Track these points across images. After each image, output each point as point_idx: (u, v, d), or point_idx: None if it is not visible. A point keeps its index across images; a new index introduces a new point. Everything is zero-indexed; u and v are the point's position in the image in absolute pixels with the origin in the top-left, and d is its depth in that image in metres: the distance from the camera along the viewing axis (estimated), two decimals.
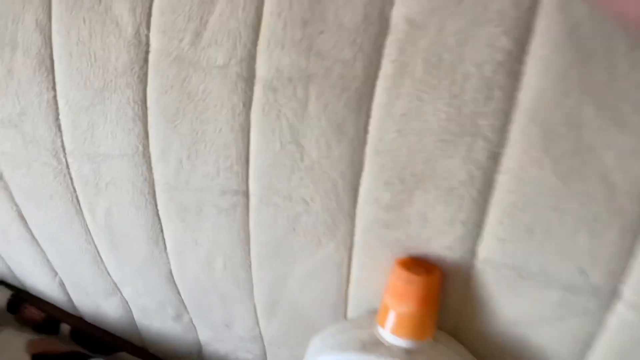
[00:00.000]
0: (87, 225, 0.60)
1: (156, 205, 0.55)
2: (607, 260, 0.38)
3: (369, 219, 0.45)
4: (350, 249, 0.48)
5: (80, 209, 0.59)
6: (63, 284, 0.74)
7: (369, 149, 0.43)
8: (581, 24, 0.35)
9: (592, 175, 0.37)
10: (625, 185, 0.36)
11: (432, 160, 0.41)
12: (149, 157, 0.51)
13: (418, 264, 0.45)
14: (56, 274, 0.72)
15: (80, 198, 0.58)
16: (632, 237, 0.37)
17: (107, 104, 0.50)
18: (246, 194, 0.50)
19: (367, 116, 0.43)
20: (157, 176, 0.52)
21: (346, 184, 0.45)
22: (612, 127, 0.36)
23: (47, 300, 0.77)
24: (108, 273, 0.66)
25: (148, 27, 0.46)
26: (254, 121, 0.46)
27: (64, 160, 0.56)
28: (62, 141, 0.55)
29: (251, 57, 0.44)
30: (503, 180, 0.40)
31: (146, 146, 0.51)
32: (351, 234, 0.48)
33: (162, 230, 0.57)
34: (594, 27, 0.35)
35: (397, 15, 0.39)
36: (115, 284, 0.68)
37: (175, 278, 0.62)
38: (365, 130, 0.43)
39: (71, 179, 0.57)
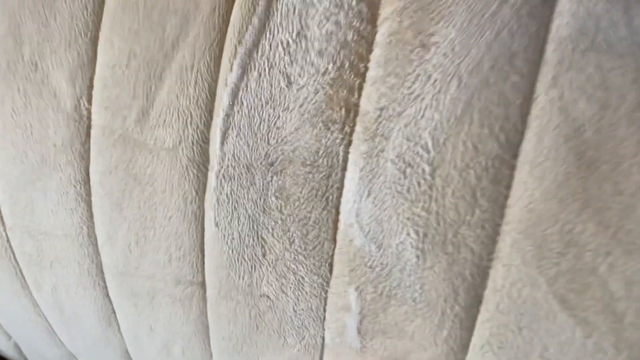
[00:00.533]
0: (34, 299, 0.54)
1: (106, 287, 0.49)
2: None
3: (340, 325, 0.40)
4: (320, 351, 0.43)
5: (26, 283, 0.53)
6: (18, 346, 0.68)
7: (337, 248, 0.37)
8: (584, 129, 0.29)
9: (595, 301, 0.31)
10: (633, 317, 0.30)
11: (407, 270, 0.35)
12: (95, 239, 0.45)
13: None
14: (10, 337, 0.67)
15: (24, 273, 0.52)
16: None
17: (47, 181, 0.44)
18: (203, 286, 0.44)
19: (337, 212, 0.37)
20: (104, 259, 0.46)
21: (314, 283, 0.39)
22: (617, 248, 0.30)
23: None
24: (63, 344, 0.60)
25: (89, 101, 0.40)
26: (207, 210, 0.40)
27: (4, 234, 0.50)
28: (1, 215, 0.48)
29: (204, 140, 0.38)
30: (492, 299, 0.34)
31: (91, 228, 0.45)
32: (321, 336, 0.42)
33: (114, 312, 0.51)
34: (600, 131, 0.29)
35: None
36: (71, 353, 0.62)
37: (132, 356, 0.56)
38: (335, 227, 0.37)
39: (13, 253, 0.51)
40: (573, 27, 0.30)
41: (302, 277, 0.39)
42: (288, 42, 0.34)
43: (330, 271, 0.38)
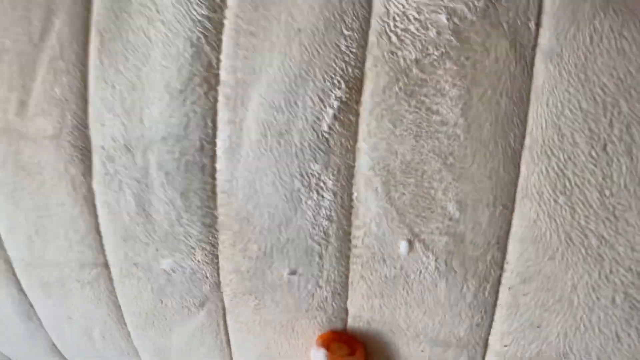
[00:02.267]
0: None
1: (18, 282, 0.50)
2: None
3: (234, 287, 0.42)
4: (223, 315, 0.45)
5: None
6: None
7: (221, 214, 0.40)
8: (410, 68, 0.33)
9: (438, 224, 0.34)
10: (472, 235, 0.34)
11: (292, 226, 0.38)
12: None
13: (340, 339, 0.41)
14: None
15: None
16: None
17: None
18: (106, 266, 0.46)
19: (213, 179, 0.39)
20: (10, 253, 0.48)
21: (204, 250, 0.42)
22: (448, 174, 0.33)
23: None
24: None
25: None
26: (97, 192, 0.42)
27: None
28: None
29: (83, 126, 0.40)
30: (358, 235, 0.37)
31: None
32: (221, 299, 0.44)
33: (32, 306, 0.52)
34: (423, 69, 0.32)
35: None
36: (8, 358, 0.63)
37: (60, 349, 0.57)
38: (214, 193, 0.40)
39: None
40: None
41: (193, 247, 0.41)
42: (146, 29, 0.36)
43: (217, 237, 0.41)
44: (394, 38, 0.33)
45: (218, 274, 0.42)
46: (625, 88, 0.30)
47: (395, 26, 0.33)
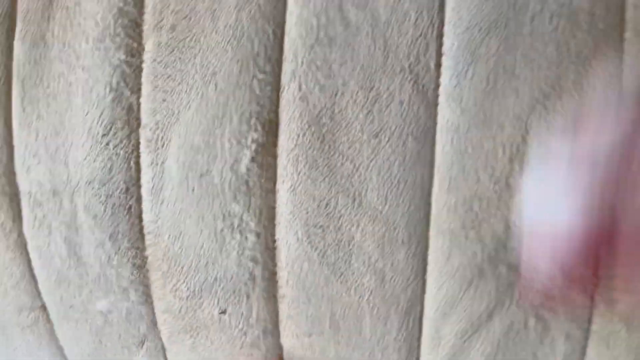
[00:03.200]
0: None
1: None
2: None
3: (169, 325, 0.42)
4: (163, 353, 0.45)
5: None
6: None
7: (149, 254, 0.40)
8: (322, 115, 0.33)
9: (360, 264, 0.35)
10: (391, 272, 0.34)
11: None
12: None
13: None
14: None
15: None
16: None
17: None
18: (44, 309, 0.45)
19: (140, 220, 0.39)
20: None
21: (137, 291, 0.42)
22: (364, 216, 0.34)
23: None
24: None
25: None
26: (27, 237, 0.42)
27: None
28: None
29: (11, 172, 0.40)
30: (283, 276, 0.37)
31: None
32: (159, 338, 0.44)
33: None
34: (333, 117, 0.33)
35: None
36: None
37: None
38: (142, 235, 0.40)
39: None
40: (301, 26, 0.33)
41: (126, 289, 0.42)
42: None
43: (148, 277, 0.41)
44: (303, 85, 0.33)
45: (153, 313, 0.42)
46: (521, 126, 0.30)
47: (305, 72, 0.33)
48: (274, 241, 0.36)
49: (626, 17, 0.30)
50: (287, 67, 0.34)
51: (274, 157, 0.35)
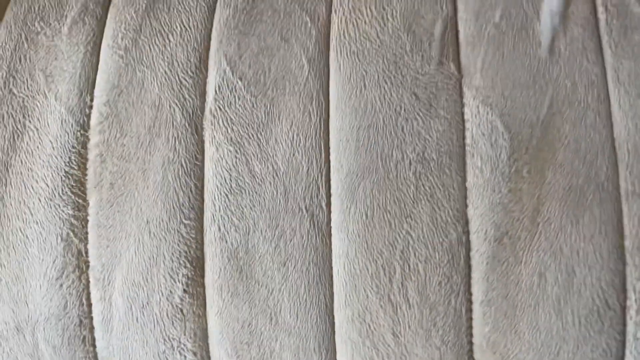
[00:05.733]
0: None
1: None
2: None
3: None
4: None
5: None
6: None
7: None
8: (238, 251, 0.40)
9: None
10: None
11: None
12: None
13: None
14: None
15: None
16: None
17: None
18: None
19: (95, 351, 0.45)
20: None
21: None
22: (284, 336, 0.41)
23: None
24: None
25: None
26: None
27: None
28: None
29: None
30: None
31: None
32: None
33: None
34: (247, 251, 0.40)
35: None
36: None
37: None
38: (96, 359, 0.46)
39: None
40: (216, 179, 0.41)
41: None
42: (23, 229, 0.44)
43: None
44: (222, 226, 0.41)
45: None
46: (396, 253, 0.38)
47: (222, 216, 0.41)
48: (209, 357, 0.43)
49: (466, 162, 0.39)
50: (207, 213, 0.42)
51: (203, 287, 0.42)
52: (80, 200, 0.44)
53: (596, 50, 0.39)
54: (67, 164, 0.44)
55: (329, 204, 0.40)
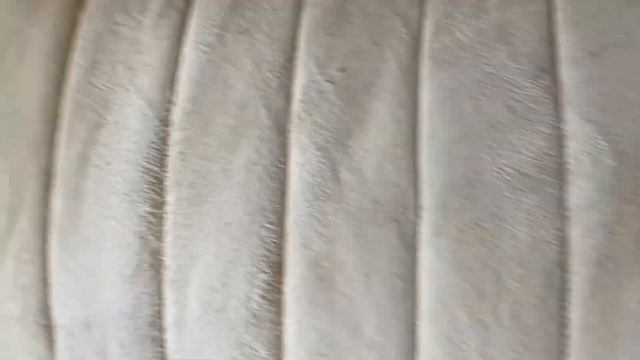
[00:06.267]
0: None
1: None
2: None
3: None
4: None
5: None
6: None
7: None
8: (321, 259, 0.39)
9: None
10: None
11: None
12: None
13: None
14: None
15: None
16: None
17: None
18: None
19: (162, 347, 0.44)
20: None
21: None
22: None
23: None
24: None
25: None
26: None
27: None
28: None
29: (47, 307, 0.46)
30: None
31: None
32: None
33: None
34: (330, 259, 0.39)
35: None
36: None
37: None
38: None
39: None
40: (301, 184, 0.40)
41: None
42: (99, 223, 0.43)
43: None
44: (304, 232, 0.40)
45: None
46: (489, 271, 0.37)
47: (305, 222, 0.40)
48: None
49: (567, 179, 0.37)
50: (290, 218, 0.41)
51: (281, 293, 0.41)
52: (158, 198, 0.43)
53: None
54: (146, 160, 0.43)
55: (419, 216, 0.39)
